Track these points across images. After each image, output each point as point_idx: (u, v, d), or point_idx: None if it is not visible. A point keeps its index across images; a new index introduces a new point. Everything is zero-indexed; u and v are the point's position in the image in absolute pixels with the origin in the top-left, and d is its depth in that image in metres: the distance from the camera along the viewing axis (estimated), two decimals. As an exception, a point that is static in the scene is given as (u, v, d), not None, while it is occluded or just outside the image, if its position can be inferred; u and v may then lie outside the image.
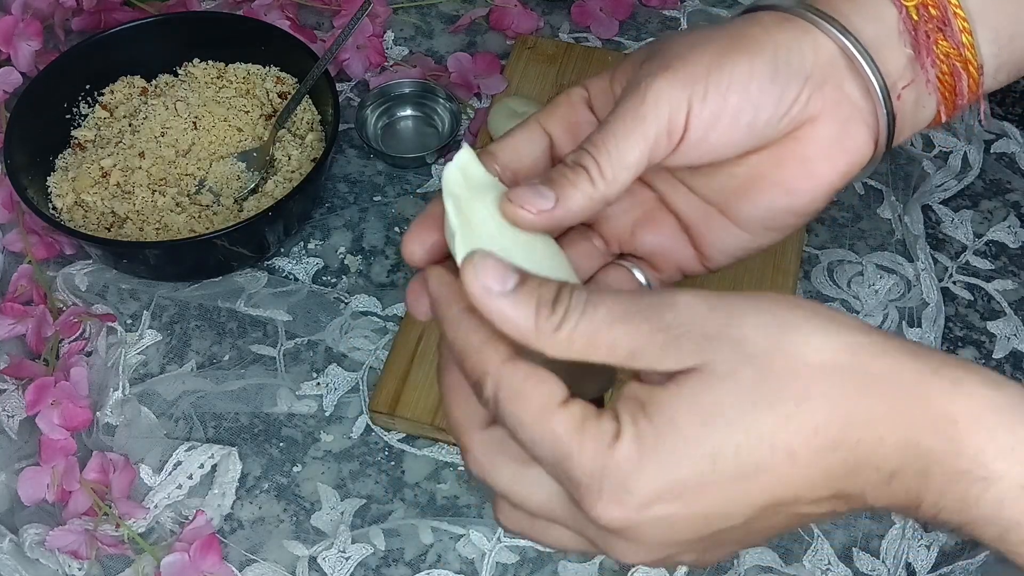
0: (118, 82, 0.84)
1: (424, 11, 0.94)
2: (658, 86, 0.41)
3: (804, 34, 0.43)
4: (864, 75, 0.42)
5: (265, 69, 0.85)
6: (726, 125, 0.42)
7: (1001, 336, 0.75)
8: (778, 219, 0.44)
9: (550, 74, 0.87)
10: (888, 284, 0.77)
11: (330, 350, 0.73)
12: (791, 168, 0.43)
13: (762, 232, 0.45)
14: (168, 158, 0.80)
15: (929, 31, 0.42)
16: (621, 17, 0.92)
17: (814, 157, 0.43)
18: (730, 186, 0.44)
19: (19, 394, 0.70)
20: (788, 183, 0.43)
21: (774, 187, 0.44)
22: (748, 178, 0.44)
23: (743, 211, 0.44)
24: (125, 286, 0.77)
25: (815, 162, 0.43)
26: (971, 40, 0.42)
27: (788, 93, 0.42)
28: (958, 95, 0.44)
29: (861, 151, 0.43)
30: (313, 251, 0.79)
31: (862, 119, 0.43)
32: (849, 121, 0.43)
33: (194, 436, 0.70)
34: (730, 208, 0.45)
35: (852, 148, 0.43)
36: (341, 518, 0.66)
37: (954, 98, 0.44)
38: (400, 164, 0.83)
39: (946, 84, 0.43)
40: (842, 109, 0.43)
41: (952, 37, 0.42)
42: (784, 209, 0.44)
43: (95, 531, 0.64)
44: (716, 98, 0.41)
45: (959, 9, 0.42)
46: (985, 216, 0.81)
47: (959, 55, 0.42)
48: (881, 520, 0.66)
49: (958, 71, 0.43)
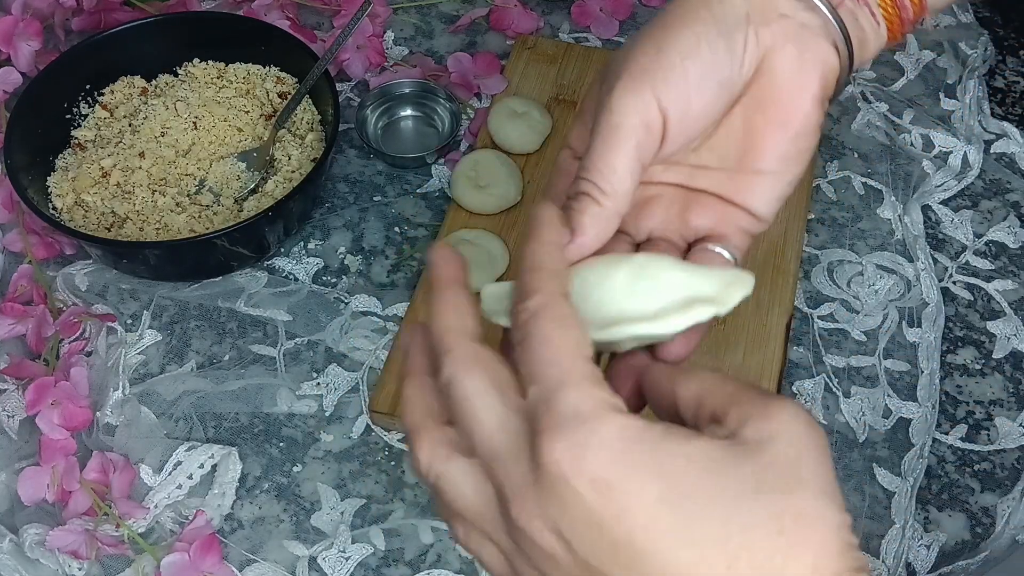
0: (118, 82, 0.84)
1: (424, 11, 0.94)
2: (618, 92, 0.43)
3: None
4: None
5: (265, 69, 0.85)
6: (697, 95, 0.44)
7: (1001, 336, 0.75)
8: (791, 149, 0.46)
9: (550, 74, 0.87)
10: (888, 284, 0.77)
11: (330, 350, 0.73)
12: (773, 102, 0.45)
13: (786, 167, 0.46)
14: (168, 158, 0.80)
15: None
16: (621, 17, 0.92)
17: (786, 81, 0.45)
18: (734, 148, 0.46)
19: (19, 394, 0.70)
20: (777, 116, 0.45)
21: (767, 126, 0.45)
22: (744, 132, 0.46)
23: (758, 162, 0.46)
24: (125, 286, 0.77)
25: (789, 84, 0.45)
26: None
27: (736, 39, 0.44)
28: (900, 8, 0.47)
29: (828, 60, 0.45)
30: (313, 251, 0.79)
31: (813, 33, 0.45)
32: (803, 38, 0.45)
33: (194, 436, 0.70)
34: (747, 165, 0.46)
35: (817, 58, 0.45)
36: (341, 518, 0.66)
37: (898, 11, 0.47)
38: (400, 164, 0.83)
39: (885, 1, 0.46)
40: (791, 30, 0.45)
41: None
42: (789, 139, 0.46)
43: (95, 531, 0.64)
44: (678, 79, 0.43)
45: None
46: (985, 216, 0.81)
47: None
48: (881, 520, 0.66)
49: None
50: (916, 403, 0.71)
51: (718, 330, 0.72)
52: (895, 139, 0.85)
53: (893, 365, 0.73)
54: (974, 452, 0.70)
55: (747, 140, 0.46)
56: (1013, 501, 0.67)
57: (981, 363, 0.74)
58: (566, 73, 0.87)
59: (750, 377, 0.70)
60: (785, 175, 0.47)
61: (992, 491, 0.68)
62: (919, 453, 0.69)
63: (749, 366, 0.70)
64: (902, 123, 0.86)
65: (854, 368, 0.73)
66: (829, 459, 0.35)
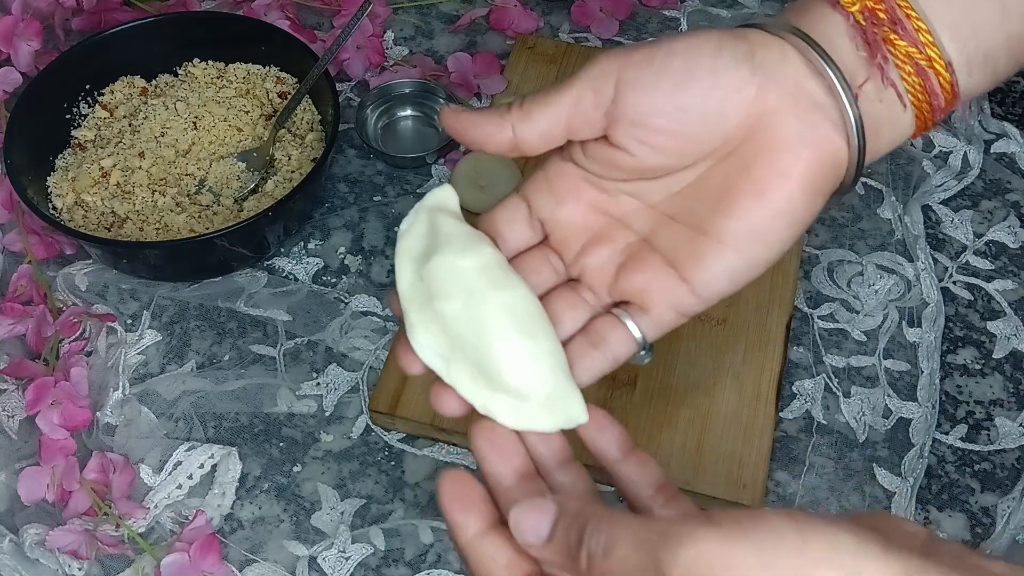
0: (118, 82, 0.84)
1: (424, 11, 0.94)
2: (595, 55, 0.44)
3: (755, 35, 0.43)
4: (820, 69, 0.42)
5: (265, 69, 0.85)
6: (662, 93, 0.42)
7: (1001, 336, 0.75)
8: (761, 227, 0.43)
9: (550, 74, 0.87)
10: (888, 284, 0.77)
11: (330, 350, 0.73)
12: (758, 167, 0.42)
13: (749, 246, 0.43)
14: (168, 158, 0.80)
15: (879, 32, 0.42)
16: (621, 17, 0.92)
17: (776, 149, 0.42)
18: (704, 202, 0.44)
19: (19, 394, 0.70)
20: (758, 183, 0.42)
21: (745, 192, 0.43)
22: (720, 188, 0.43)
23: (721, 226, 0.43)
24: (125, 286, 0.77)
25: (778, 154, 0.42)
26: (930, 39, 0.42)
27: (731, 73, 0.42)
28: (931, 95, 0.43)
29: (830, 146, 0.42)
30: (313, 251, 0.79)
31: (825, 114, 0.42)
32: (810, 114, 0.42)
33: (194, 436, 0.70)
34: (709, 226, 0.44)
35: (816, 140, 0.42)
36: (341, 518, 0.66)
37: (928, 98, 0.43)
38: (400, 164, 0.83)
39: (914, 85, 0.43)
40: (803, 105, 0.42)
41: (908, 36, 0.42)
42: (764, 215, 0.43)
43: (95, 531, 0.64)
44: (651, 65, 0.42)
45: (911, 10, 0.42)
46: (985, 216, 0.81)
47: (921, 53, 0.42)
48: (881, 520, 0.66)
49: (924, 71, 0.42)
50: (916, 403, 0.71)
51: (718, 330, 0.72)
52: (895, 139, 0.85)
53: (893, 365, 0.73)
54: (974, 452, 0.70)
55: (720, 198, 0.43)
56: (1013, 501, 0.67)
57: (981, 363, 0.74)
58: (566, 73, 0.86)
59: (750, 377, 0.70)
60: (746, 253, 0.43)
61: (992, 491, 0.68)
62: (919, 453, 0.69)
63: (749, 366, 0.70)
64: (902, 123, 0.86)
65: (854, 368, 0.73)
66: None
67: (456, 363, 0.44)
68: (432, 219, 0.46)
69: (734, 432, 0.67)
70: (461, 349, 0.44)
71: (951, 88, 0.43)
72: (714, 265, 0.44)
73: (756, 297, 0.73)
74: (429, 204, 0.47)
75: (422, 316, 0.44)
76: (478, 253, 0.45)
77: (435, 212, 0.47)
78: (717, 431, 0.67)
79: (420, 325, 0.44)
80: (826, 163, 0.42)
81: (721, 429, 0.67)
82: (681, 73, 0.42)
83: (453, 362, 0.44)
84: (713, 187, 0.44)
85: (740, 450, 0.66)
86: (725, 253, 0.44)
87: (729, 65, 0.42)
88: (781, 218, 0.43)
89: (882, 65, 0.42)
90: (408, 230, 0.46)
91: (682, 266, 0.45)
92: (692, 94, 0.42)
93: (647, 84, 0.42)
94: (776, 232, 0.43)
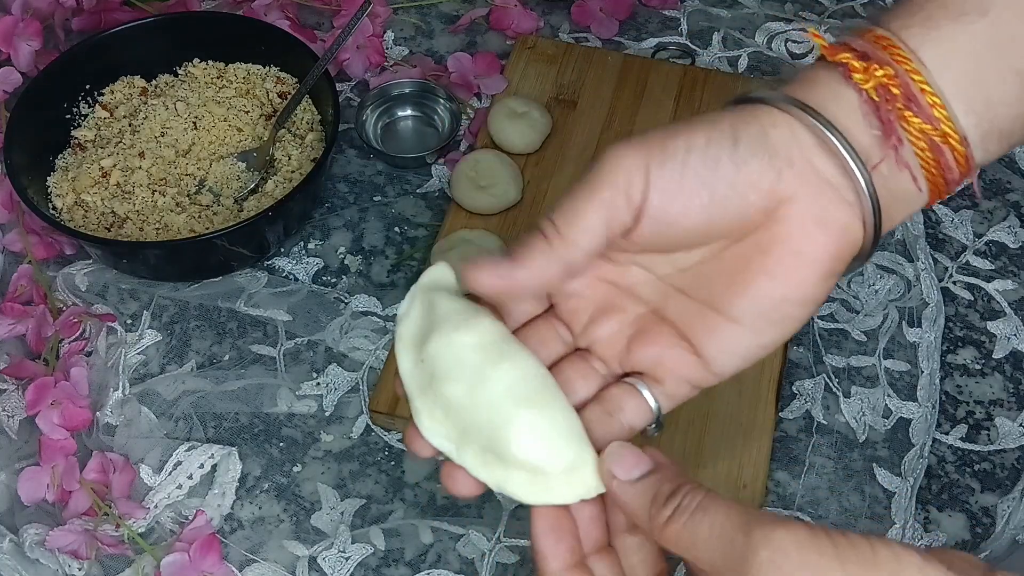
0: (118, 82, 0.84)
1: (424, 11, 0.94)
2: (615, 152, 0.41)
3: (764, 114, 0.42)
4: (833, 148, 0.41)
5: (265, 69, 0.85)
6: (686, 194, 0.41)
7: (1001, 336, 0.75)
8: (776, 310, 0.43)
9: (550, 74, 0.87)
10: (888, 284, 0.77)
11: (330, 350, 0.73)
12: (774, 252, 0.42)
13: (763, 327, 0.43)
14: (168, 158, 0.80)
15: (893, 109, 0.41)
16: (621, 17, 0.92)
17: (794, 237, 0.42)
18: (718, 280, 0.43)
19: (19, 394, 0.70)
20: (773, 268, 0.42)
21: (760, 274, 0.42)
22: (733, 268, 0.43)
23: (735, 305, 0.43)
24: (125, 286, 0.77)
25: (797, 242, 0.42)
26: (945, 114, 0.41)
27: (750, 163, 0.41)
28: (945, 169, 0.42)
29: (846, 230, 0.42)
30: (313, 251, 0.79)
31: (841, 197, 0.41)
32: (827, 199, 0.42)
33: (194, 436, 0.70)
34: (723, 304, 0.43)
35: (834, 226, 0.42)
36: (341, 518, 0.66)
37: (942, 172, 0.42)
38: (400, 164, 0.83)
39: (928, 160, 0.42)
40: (818, 188, 0.41)
41: (922, 113, 0.41)
42: (778, 299, 0.43)
43: (95, 531, 0.64)
44: (673, 167, 0.41)
45: (925, 85, 0.41)
46: (985, 216, 0.81)
47: (935, 130, 0.41)
48: (881, 520, 0.66)
49: (938, 146, 0.41)
50: (916, 403, 0.71)
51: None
52: (895, 139, 0.85)
53: (893, 365, 0.73)
54: (974, 452, 0.70)
55: (734, 277, 0.43)
56: (1013, 501, 0.67)
57: (981, 363, 0.74)
58: (566, 73, 0.87)
59: (750, 377, 0.70)
60: (759, 336, 0.43)
61: (992, 491, 0.68)
62: (919, 453, 0.69)
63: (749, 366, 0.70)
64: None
65: (854, 368, 0.73)
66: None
67: (465, 446, 0.43)
68: (429, 299, 0.45)
69: (734, 432, 0.67)
70: (468, 432, 0.43)
71: (965, 161, 0.42)
72: (728, 342, 0.44)
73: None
74: (425, 283, 0.46)
75: (425, 401, 0.44)
76: (476, 328, 0.44)
77: (431, 292, 0.46)
78: (717, 431, 0.67)
79: (425, 411, 0.44)
80: (842, 245, 0.42)
81: (721, 429, 0.67)
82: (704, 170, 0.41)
83: (462, 445, 0.43)
84: (726, 265, 0.43)
85: (740, 450, 0.66)
86: (738, 331, 0.43)
87: (746, 157, 0.41)
88: (795, 300, 0.43)
89: (896, 147, 0.41)
90: (405, 314, 0.45)
91: (695, 340, 0.44)
92: (716, 190, 0.41)
93: (673, 185, 0.41)
94: (790, 313, 0.43)
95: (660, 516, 0.40)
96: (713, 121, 0.42)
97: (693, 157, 0.41)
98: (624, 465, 0.42)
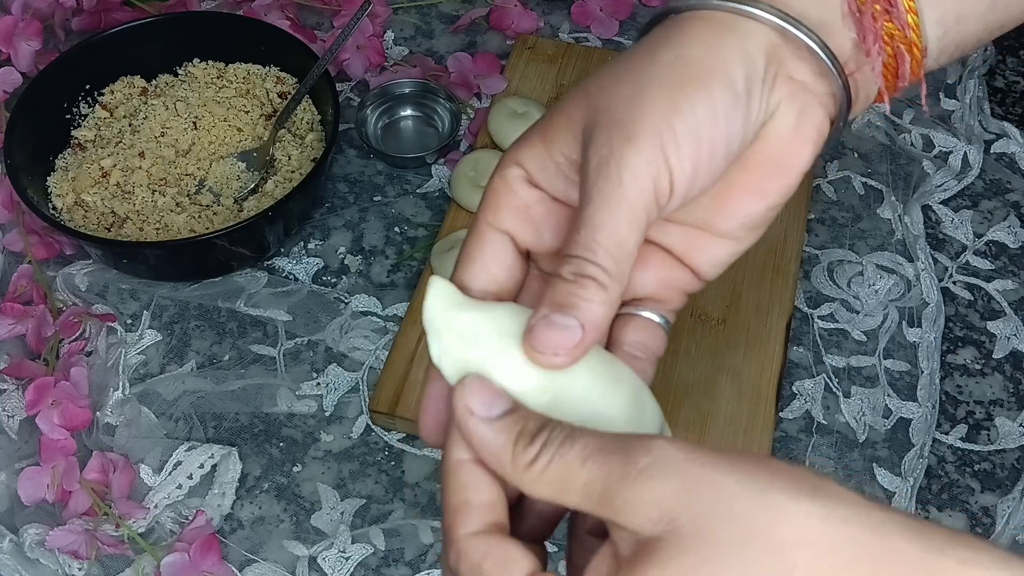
0: (118, 82, 0.84)
1: (424, 11, 0.94)
2: (631, 163, 0.38)
3: (746, 33, 0.41)
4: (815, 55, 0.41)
5: (265, 69, 0.85)
6: (706, 162, 0.40)
7: (1001, 336, 0.75)
8: (761, 220, 0.44)
9: (550, 74, 0.87)
10: (888, 284, 0.77)
11: (330, 350, 0.73)
12: (759, 170, 0.42)
13: (746, 235, 0.44)
14: (168, 158, 0.80)
15: (875, 14, 0.41)
16: (621, 17, 0.92)
17: (779, 153, 0.42)
18: (706, 207, 0.43)
19: (19, 394, 0.70)
20: (759, 185, 0.42)
21: (746, 193, 0.42)
22: (721, 193, 0.43)
23: (722, 224, 0.43)
24: (125, 286, 0.77)
25: (781, 156, 0.42)
26: (916, 21, 0.41)
27: (753, 107, 0.40)
28: (900, 77, 0.43)
29: (821, 130, 0.42)
30: (313, 251, 0.79)
31: (818, 101, 0.41)
32: (806, 107, 0.42)
33: (194, 436, 0.70)
34: (711, 225, 0.44)
35: (813, 133, 0.42)
36: (341, 518, 0.67)
37: (895, 80, 0.43)
38: (400, 164, 0.83)
39: (889, 67, 0.42)
40: (797, 97, 0.41)
41: (898, 18, 0.41)
42: (764, 210, 0.43)
43: (95, 531, 0.64)
44: (690, 146, 0.39)
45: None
46: (985, 216, 0.81)
47: (903, 37, 0.42)
48: (881, 520, 0.66)
49: (902, 53, 0.42)
50: (916, 403, 0.71)
51: (718, 330, 0.72)
52: (895, 139, 0.85)
53: (893, 365, 0.73)
54: (974, 452, 0.70)
55: (721, 202, 0.43)
56: (1013, 501, 0.67)
57: (981, 363, 0.74)
58: (566, 73, 0.87)
59: (750, 377, 0.70)
60: (744, 241, 0.44)
61: (992, 491, 0.68)
62: (919, 453, 0.69)
63: (749, 366, 0.70)
64: (902, 123, 0.86)
65: (854, 368, 0.73)
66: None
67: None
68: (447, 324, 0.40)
69: (734, 432, 0.67)
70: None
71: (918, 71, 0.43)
72: (716, 254, 0.44)
73: (756, 297, 0.73)
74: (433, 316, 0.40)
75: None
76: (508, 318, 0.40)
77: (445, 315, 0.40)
78: (717, 431, 0.67)
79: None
80: (818, 147, 0.42)
81: (721, 429, 0.67)
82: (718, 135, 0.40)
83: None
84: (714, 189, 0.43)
85: (740, 450, 0.66)
86: (724, 243, 0.44)
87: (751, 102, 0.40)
88: (778, 206, 0.43)
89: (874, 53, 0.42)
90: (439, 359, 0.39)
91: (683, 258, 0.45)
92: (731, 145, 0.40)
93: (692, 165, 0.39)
94: (771, 217, 0.44)
95: (526, 455, 0.35)
96: (707, 75, 0.40)
97: (704, 133, 0.39)
98: (483, 398, 0.36)
